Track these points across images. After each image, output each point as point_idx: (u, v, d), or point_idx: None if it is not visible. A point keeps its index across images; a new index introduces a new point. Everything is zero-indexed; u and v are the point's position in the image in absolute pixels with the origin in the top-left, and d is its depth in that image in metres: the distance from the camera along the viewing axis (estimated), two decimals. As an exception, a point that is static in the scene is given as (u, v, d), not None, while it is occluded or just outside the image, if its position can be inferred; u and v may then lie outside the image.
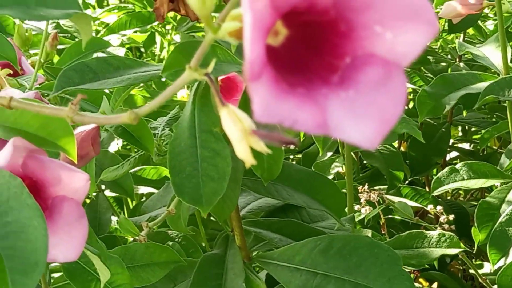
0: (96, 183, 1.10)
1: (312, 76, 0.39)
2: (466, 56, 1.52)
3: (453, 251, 1.08)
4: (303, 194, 0.89)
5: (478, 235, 1.10)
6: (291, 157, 1.59)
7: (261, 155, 0.71)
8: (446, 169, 1.16)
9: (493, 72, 1.23)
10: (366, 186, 1.20)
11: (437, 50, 1.67)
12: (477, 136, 1.78)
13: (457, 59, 1.54)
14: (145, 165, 1.24)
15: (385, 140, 1.29)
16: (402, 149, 1.70)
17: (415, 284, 0.89)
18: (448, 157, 1.72)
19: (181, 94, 1.47)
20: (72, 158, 0.56)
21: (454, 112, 1.54)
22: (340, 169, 1.37)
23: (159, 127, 0.93)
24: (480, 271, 1.32)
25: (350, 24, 0.38)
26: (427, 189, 1.50)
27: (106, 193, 1.25)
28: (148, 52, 1.86)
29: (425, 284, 1.50)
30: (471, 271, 1.43)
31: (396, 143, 1.65)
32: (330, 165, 1.35)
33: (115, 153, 1.20)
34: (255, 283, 0.85)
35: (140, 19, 1.54)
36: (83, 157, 0.67)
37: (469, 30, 1.65)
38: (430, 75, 1.52)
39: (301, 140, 1.42)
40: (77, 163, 0.59)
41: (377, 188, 1.26)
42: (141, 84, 1.37)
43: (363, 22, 0.38)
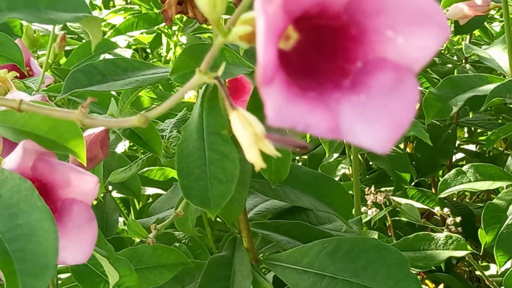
0: (104, 185, 1.10)
1: (324, 81, 0.39)
2: (472, 58, 1.52)
3: (460, 253, 1.07)
4: (311, 196, 0.89)
5: (485, 237, 1.10)
6: (297, 158, 1.59)
7: (269, 158, 0.71)
8: (453, 171, 1.16)
9: (499, 74, 1.23)
10: (373, 188, 1.20)
11: (443, 52, 1.66)
12: (483, 138, 1.78)
13: (463, 61, 1.53)
14: (152, 167, 1.24)
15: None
16: (408, 151, 1.69)
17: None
18: (454, 159, 1.71)
19: (188, 95, 1.47)
20: (82, 161, 0.56)
21: (460, 114, 1.54)
22: (347, 171, 1.37)
23: (167, 129, 0.93)
24: (487, 273, 1.31)
25: (362, 29, 0.38)
26: (433, 191, 1.50)
27: (113, 194, 1.25)
28: (154, 53, 1.86)
29: (431, 286, 1.49)
30: (478, 273, 1.43)
31: (402, 145, 1.65)
32: (337, 167, 1.34)
33: (122, 154, 1.20)
34: (263, 285, 0.85)
35: (147, 21, 1.54)
36: (92, 160, 0.67)
37: (475, 32, 1.65)
38: (436, 77, 1.52)
39: (308, 142, 1.42)
40: (86, 166, 0.59)
41: (384, 190, 1.26)
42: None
43: (375, 27, 0.38)
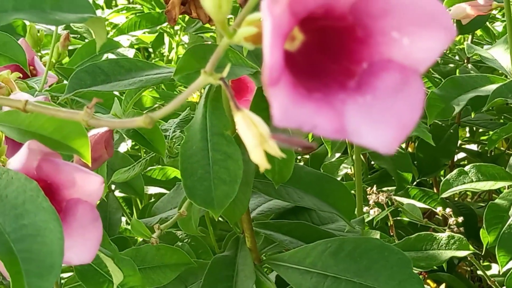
0: (107, 184, 1.10)
1: (329, 81, 0.39)
2: (474, 58, 1.52)
3: (462, 253, 1.07)
4: (313, 196, 0.89)
5: (487, 237, 1.10)
6: (299, 158, 1.59)
7: (272, 158, 0.71)
8: (455, 171, 1.16)
9: (501, 74, 1.23)
10: (375, 188, 1.20)
11: (445, 51, 1.66)
12: (485, 137, 1.78)
13: (465, 61, 1.53)
14: (152, 166, 1.24)
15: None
16: (410, 150, 1.70)
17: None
18: (456, 158, 1.71)
19: (191, 95, 1.47)
20: (86, 161, 0.57)
21: (462, 113, 1.54)
22: (349, 170, 1.37)
23: (170, 129, 0.94)
24: (488, 273, 1.32)
25: (367, 30, 0.38)
26: (435, 190, 1.50)
27: (115, 193, 1.25)
28: (157, 53, 1.87)
29: (433, 285, 1.49)
30: (479, 273, 1.43)
31: (404, 144, 1.65)
32: (339, 166, 1.34)
33: (125, 154, 1.20)
34: (266, 285, 0.85)
35: (150, 20, 1.54)
36: (97, 160, 0.67)
37: (477, 31, 1.65)
38: (438, 76, 1.52)
39: (310, 141, 1.42)
40: (91, 166, 0.59)
41: (386, 190, 1.26)
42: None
43: (381, 28, 0.38)
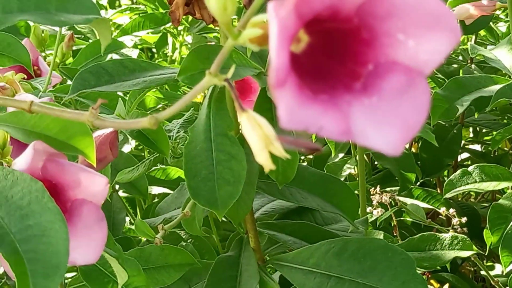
0: (111, 185, 1.10)
1: (335, 83, 0.39)
2: (478, 58, 1.52)
3: (466, 254, 1.07)
4: (317, 197, 0.89)
5: (490, 238, 1.10)
6: (302, 158, 1.59)
7: (276, 159, 0.71)
8: (458, 172, 1.16)
9: (504, 74, 1.23)
10: (378, 188, 1.20)
11: (449, 52, 1.66)
12: (488, 138, 1.78)
13: (469, 61, 1.53)
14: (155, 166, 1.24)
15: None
16: (413, 151, 1.69)
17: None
18: (459, 159, 1.71)
19: (194, 95, 1.46)
20: (91, 162, 0.57)
21: (466, 114, 1.54)
22: (352, 171, 1.37)
23: (174, 130, 0.94)
24: (492, 273, 1.32)
25: (373, 32, 0.38)
26: (439, 191, 1.50)
27: (119, 193, 1.26)
28: (160, 53, 1.87)
29: (436, 286, 1.49)
30: (483, 273, 1.43)
31: (408, 145, 1.65)
32: (342, 167, 1.34)
33: (129, 154, 1.21)
34: (269, 285, 0.85)
35: (154, 21, 1.55)
36: (102, 161, 0.67)
37: (481, 32, 1.65)
38: (442, 77, 1.51)
39: (313, 142, 1.42)
40: (96, 167, 0.59)
41: (389, 190, 1.26)
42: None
43: (386, 30, 0.38)
